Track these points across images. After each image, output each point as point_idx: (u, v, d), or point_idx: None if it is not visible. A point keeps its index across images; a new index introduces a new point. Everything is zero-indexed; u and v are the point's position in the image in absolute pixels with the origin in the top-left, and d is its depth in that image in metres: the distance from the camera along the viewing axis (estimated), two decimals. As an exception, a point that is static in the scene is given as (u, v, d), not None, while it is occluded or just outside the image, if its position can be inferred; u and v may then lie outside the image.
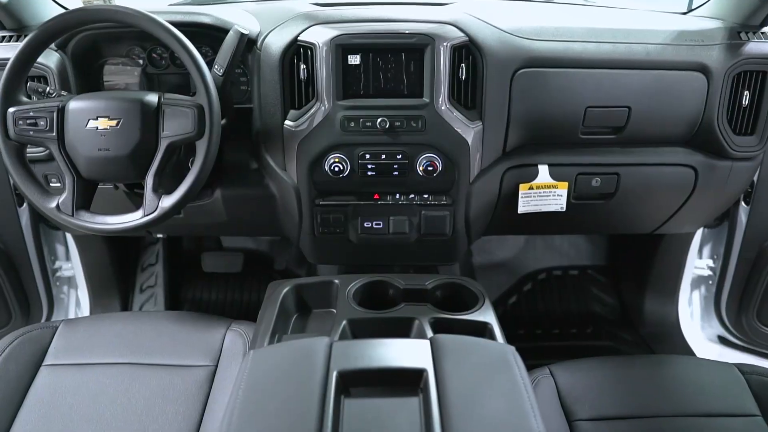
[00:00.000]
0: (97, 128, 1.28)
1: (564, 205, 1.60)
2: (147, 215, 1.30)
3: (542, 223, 1.68)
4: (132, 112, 1.28)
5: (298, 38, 1.37)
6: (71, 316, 2.26)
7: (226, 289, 2.39)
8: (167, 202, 1.30)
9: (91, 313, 2.23)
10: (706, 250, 2.09)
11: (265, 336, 1.10)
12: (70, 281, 2.25)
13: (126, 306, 2.28)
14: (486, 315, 1.15)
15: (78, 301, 2.26)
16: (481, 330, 1.12)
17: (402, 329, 1.12)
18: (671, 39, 1.51)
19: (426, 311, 1.15)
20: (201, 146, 1.28)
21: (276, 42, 1.41)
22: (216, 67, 1.37)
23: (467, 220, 1.58)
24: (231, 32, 1.35)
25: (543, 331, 2.26)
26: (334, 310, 1.22)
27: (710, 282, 2.09)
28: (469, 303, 1.22)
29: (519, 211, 1.61)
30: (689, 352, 2.07)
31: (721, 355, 2.00)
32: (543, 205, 1.62)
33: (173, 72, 1.62)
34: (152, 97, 1.31)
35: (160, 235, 1.99)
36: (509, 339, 1.10)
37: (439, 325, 1.11)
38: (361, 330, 1.12)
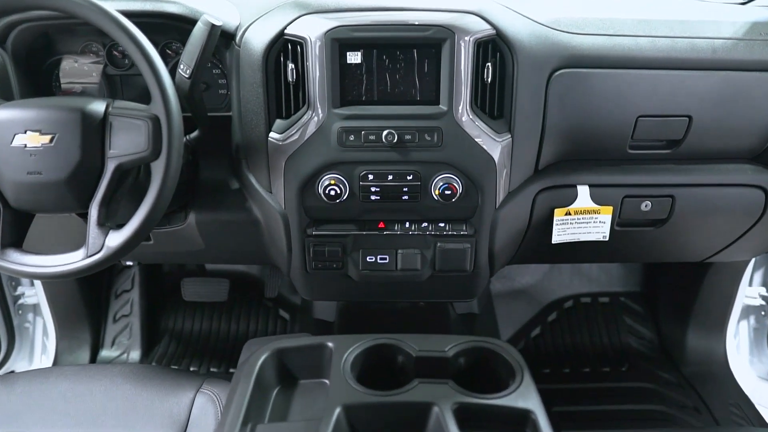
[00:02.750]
0: (25, 146, 1.04)
1: (607, 234, 1.40)
2: (90, 256, 1.05)
3: (576, 251, 1.49)
4: (70, 126, 1.03)
5: (285, 31, 1.19)
6: (37, 347, 2.09)
7: (212, 317, 2.18)
8: (115, 240, 1.05)
9: (57, 346, 2.05)
10: (758, 277, 1.97)
11: (235, 426, 0.83)
12: (36, 309, 2.08)
13: (97, 338, 2.10)
14: (527, 397, 0.88)
15: (45, 329, 2.08)
16: (522, 420, 0.85)
17: (415, 421, 0.85)
18: (742, 33, 1.29)
19: (447, 392, 0.89)
20: (157, 169, 1.03)
21: (258, 36, 1.21)
22: (182, 67, 1.14)
23: (491, 253, 1.37)
24: (199, 23, 1.11)
25: (571, 370, 2.05)
26: (327, 381, 0.95)
27: (762, 312, 1.96)
28: (501, 374, 0.95)
29: (553, 241, 1.41)
30: (740, 394, 1.89)
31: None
32: (582, 234, 1.41)
33: (140, 73, 1.36)
34: (97, 106, 1.06)
35: (129, 263, 1.75)
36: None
37: (465, 413, 0.85)
38: (361, 421, 0.85)
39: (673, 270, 2.08)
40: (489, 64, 1.19)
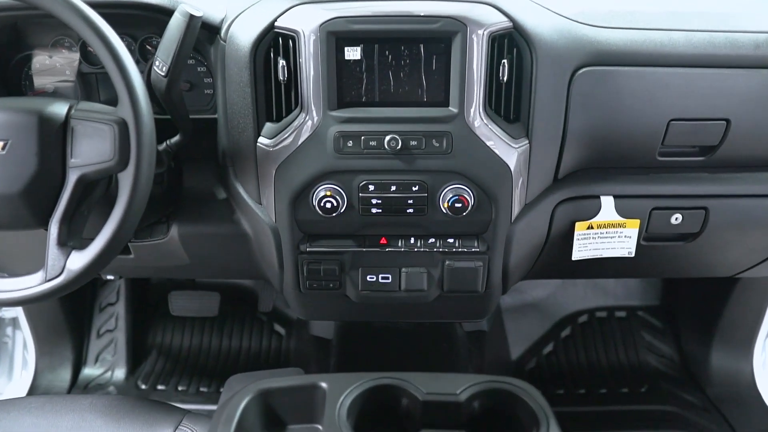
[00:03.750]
0: None
1: (633, 250, 1.30)
2: (48, 281, 0.93)
3: (597, 268, 1.37)
4: (24, 131, 0.91)
5: (276, 24, 1.07)
6: (17, 361, 2.00)
7: (202, 332, 2.07)
8: (77, 262, 0.92)
9: (37, 364, 1.94)
10: None
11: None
12: (15, 323, 1.98)
13: (80, 354, 1.99)
14: None
15: (25, 343, 1.98)
16: None
17: None
18: (788, 27, 1.17)
19: None
20: (125, 181, 0.90)
21: (245, 30, 1.10)
22: (157, 63, 1.02)
23: (505, 270, 1.26)
24: (176, 14, 0.99)
25: (587, 391, 1.93)
26: (320, 427, 0.82)
27: None
28: (523, 422, 0.82)
29: (573, 258, 1.30)
30: None
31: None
32: (605, 250, 1.30)
33: None
34: (58, 109, 0.94)
35: (109, 277, 1.63)
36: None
37: None
38: None
39: (696, 283, 1.97)
40: (505, 60, 1.07)
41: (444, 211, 1.12)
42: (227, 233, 1.29)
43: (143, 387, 1.93)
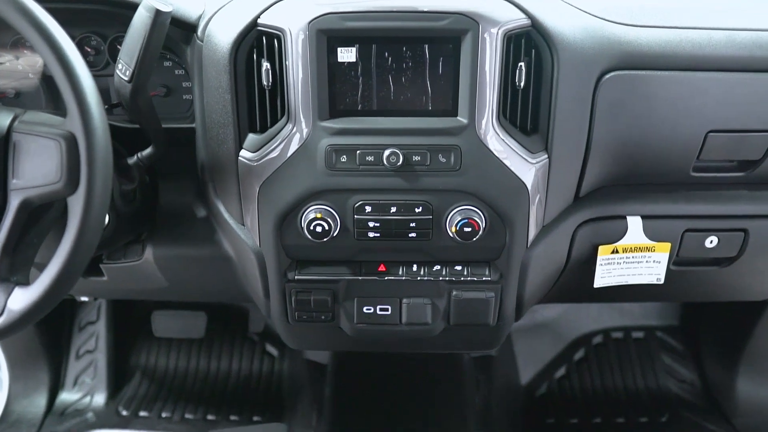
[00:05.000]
0: None
1: (662, 277, 1.18)
2: None
3: (619, 293, 1.26)
4: None
5: (259, 21, 0.96)
6: None
7: (189, 353, 1.95)
8: (20, 301, 0.80)
9: (10, 390, 1.83)
10: None
11: None
12: None
13: (57, 377, 1.88)
14: None
15: None
16: None
17: None
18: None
19: None
20: (74, 207, 0.77)
21: (225, 28, 0.98)
22: (120, 67, 0.90)
23: (520, 300, 1.14)
24: (140, 8, 0.87)
25: (603, 420, 1.80)
26: None
27: None
28: None
29: (596, 285, 1.18)
30: None
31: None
32: (631, 276, 1.19)
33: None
34: None
35: (83, 298, 1.51)
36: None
37: None
38: None
39: (721, 303, 1.81)
40: (522, 63, 0.96)
41: (451, 235, 1.00)
42: (208, 255, 1.18)
43: (124, 413, 1.81)
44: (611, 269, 1.15)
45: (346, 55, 0.95)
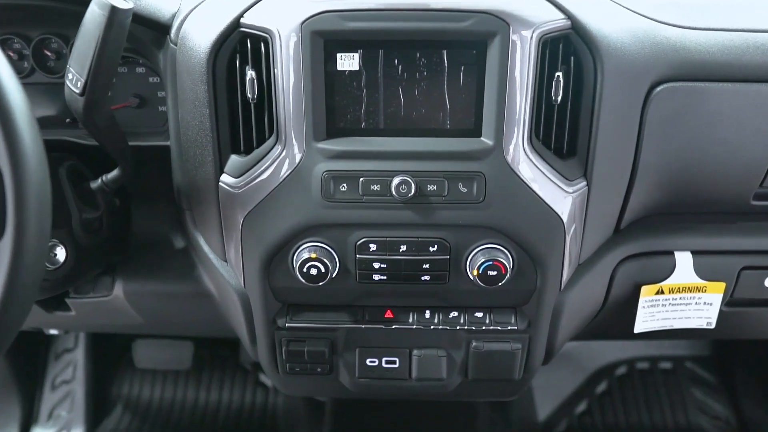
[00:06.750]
0: None
1: (714, 321, 1.08)
2: None
3: (660, 334, 1.15)
4: None
5: (242, 21, 0.85)
6: None
7: (175, 383, 1.86)
8: None
9: None
10: None
11: None
12: None
13: (30, 410, 1.80)
14: None
15: None
16: None
17: None
18: None
19: None
20: (2, 256, 0.61)
21: (202, 29, 0.87)
22: (70, 77, 0.78)
23: (550, 348, 1.03)
24: (92, 5, 0.74)
25: None
26: None
27: None
28: None
29: (636, 330, 1.07)
30: None
31: None
32: (677, 320, 1.07)
33: (45, 81, 1.05)
34: None
35: (53, 331, 1.39)
36: None
37: None
38: None
39: None
40: (559, 73, 0.84)
41: (472, 278, 0.88)
42: (186, 292, 1.08)
43: None
44: (654, 312, 1.04)
45: (347, 62, 0.85)
